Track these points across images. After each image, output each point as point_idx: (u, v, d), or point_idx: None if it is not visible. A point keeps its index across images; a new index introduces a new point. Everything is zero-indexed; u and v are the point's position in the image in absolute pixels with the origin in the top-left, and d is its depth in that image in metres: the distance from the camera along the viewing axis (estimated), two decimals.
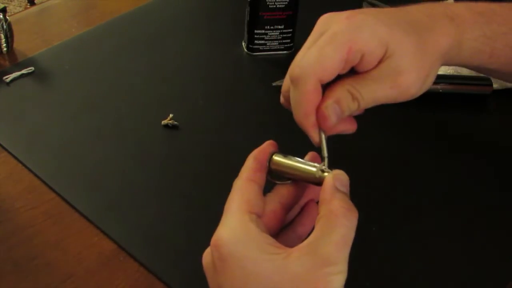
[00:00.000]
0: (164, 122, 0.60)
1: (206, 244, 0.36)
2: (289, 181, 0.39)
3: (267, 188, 0.39)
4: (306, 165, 0.38)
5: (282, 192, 0.39)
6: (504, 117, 0.65)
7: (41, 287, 0.45)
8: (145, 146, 0.58)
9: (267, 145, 0.39)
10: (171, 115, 0.61)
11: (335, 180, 0.36)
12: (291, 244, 0.34)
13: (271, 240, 0.34)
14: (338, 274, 0.32)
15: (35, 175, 0.55)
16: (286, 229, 0.40)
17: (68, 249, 0.48)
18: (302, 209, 0.41)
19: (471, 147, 0.60)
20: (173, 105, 0.63)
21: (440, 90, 0.65)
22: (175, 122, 0.60)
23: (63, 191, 0.53)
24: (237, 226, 0.35)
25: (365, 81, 0.38)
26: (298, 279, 0.32)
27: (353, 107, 0.38)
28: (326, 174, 0.37)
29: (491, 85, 0.65)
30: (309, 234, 0.35)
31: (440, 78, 0.66)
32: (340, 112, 0.38)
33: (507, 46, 0.44)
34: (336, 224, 0.33)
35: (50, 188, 0.54)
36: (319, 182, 0.37)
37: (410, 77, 0.38)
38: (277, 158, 0.39)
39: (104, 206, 0.52)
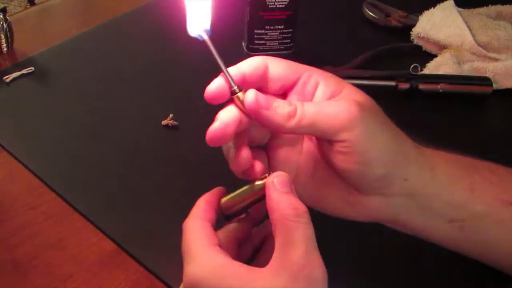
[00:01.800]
0: (164, 122, 0.60)
1: None
2: (243, 214, 0.39)
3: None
4: (248, 187, 0.37)
5: (233, 226, 0.39)
6: (504, 117, 0.65)
7: (41, 287, 0.45)
8: (145, 146, 0.58)
9: (216, 190, 0.40)
10: (171, 115, 0.61)
11: (276, 183, 0.35)
12: None
13: (243, 265, 0.34)
14: (316, 269, 0.32)
15: (35, 175, 0.55)
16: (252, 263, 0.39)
17: (68, 249, 0.48)
18: (263, 244, 0.41)
19: (471, 147, 0.60)
20: (173, 105, 0.63)
21: (440, 90, 0.65)
22: (175, 122, 0.60)
23: (63, 191, 0.53)
24: (208, 260, 0.34)
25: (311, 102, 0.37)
26: None
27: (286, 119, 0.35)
28: (265, 181, 0.36)
29: (491, 85, 0.65)
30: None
31: (440, 78, 0.66)
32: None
33: None
34: (291, 227, 0.33)
35: (50, 188, 0.53)
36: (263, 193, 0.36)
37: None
38: (225, 199, 0.38)
39: (104, 206, 0.52)
